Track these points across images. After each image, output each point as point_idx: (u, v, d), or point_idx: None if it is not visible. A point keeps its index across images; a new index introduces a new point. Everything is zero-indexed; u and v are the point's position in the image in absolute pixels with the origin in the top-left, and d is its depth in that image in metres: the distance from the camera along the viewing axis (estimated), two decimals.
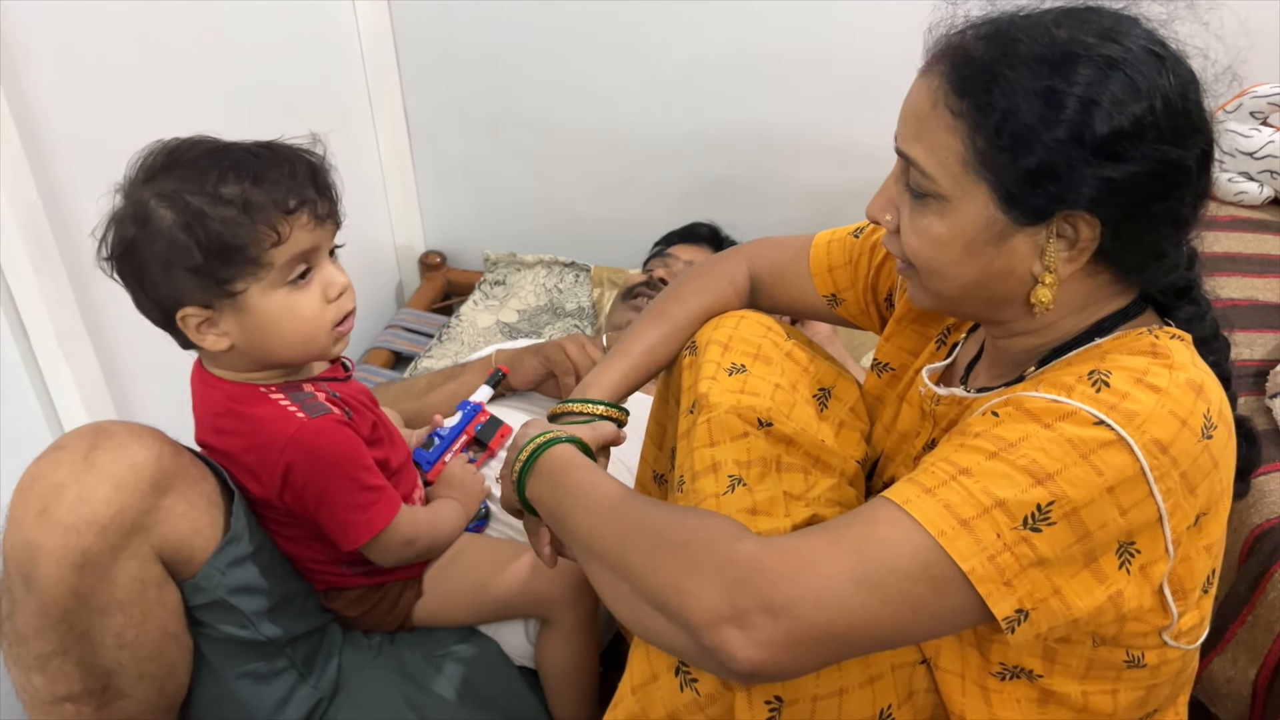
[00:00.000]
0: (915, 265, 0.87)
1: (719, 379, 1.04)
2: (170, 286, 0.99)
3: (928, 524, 0.74)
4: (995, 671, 0.88)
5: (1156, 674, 0.88)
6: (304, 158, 1.02)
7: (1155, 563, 0.79)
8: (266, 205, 0.97)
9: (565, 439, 0.99)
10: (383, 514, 1.09)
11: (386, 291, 2.39)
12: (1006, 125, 0.77)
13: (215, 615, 1.08)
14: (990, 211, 0.80)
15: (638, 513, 0.86)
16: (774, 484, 0.97)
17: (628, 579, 0.83)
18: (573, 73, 2.10)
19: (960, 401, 0.95)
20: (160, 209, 0.97)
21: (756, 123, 2.06)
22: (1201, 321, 0.89)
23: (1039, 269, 0.82)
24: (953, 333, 1.06)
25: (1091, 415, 0.75)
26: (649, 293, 1.75)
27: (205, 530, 1.05)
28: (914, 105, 0.84)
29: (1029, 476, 0.74)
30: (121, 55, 1.50)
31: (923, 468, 0.79)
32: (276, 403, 1.06)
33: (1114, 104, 0.76)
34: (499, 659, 1.27)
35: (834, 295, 1.17)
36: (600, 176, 2.22)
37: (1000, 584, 0.73)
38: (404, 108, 2.21)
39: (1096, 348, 0.85)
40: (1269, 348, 1.48)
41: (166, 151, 1.00)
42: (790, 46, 1.96)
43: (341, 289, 1.06)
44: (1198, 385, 0.78)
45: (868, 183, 2.21)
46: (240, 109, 1.73)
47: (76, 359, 1.45)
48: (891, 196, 0.88)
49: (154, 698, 1.06)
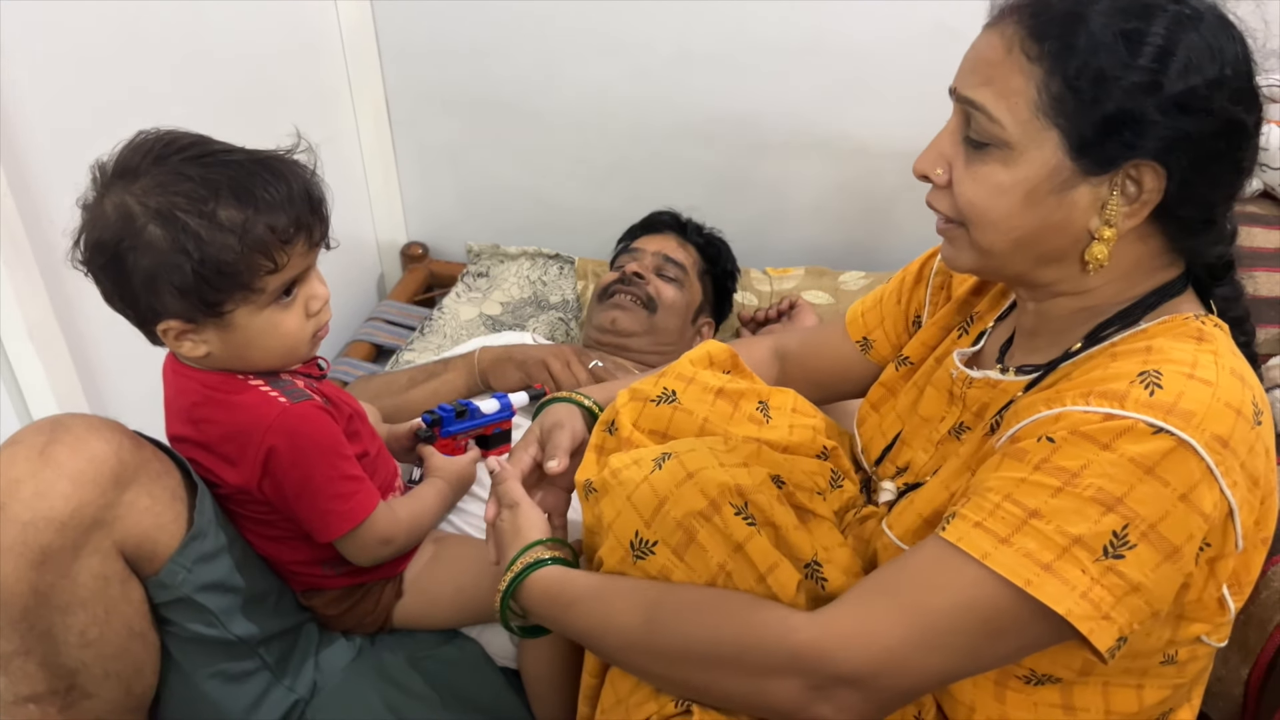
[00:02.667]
0: (968, 218, 0.86)
1: None
2: (152, 300, 0.98)
3: (1012, 575, 0.75)
4: (1022, 675, 0.87)
5: (1184, 671, 0.88)
6: (300, 175, 1.01)
7: (1224, 558, 0.80)
8: (265, 236, 0.97)
9: (544, 561, 0.96)
10: (362, 505, 1.09)
11: (368, 283, 2.36)
12: (1087, 69, 0.78)
13: (182, 613, 1.06)
14: (1058, 159, 0.80)
15: (672, 634, 0.85)
16: (705, 450, 0.94)
17: (693, 695, 0.86)
18: (557, 63, 2.07)
19: (994, 385, 0.95)
20: (151, 225, 0.95)
21: (744, 114, 2.05)
22: (1237, 302, 0.91)
23: (1096, 224, 0.82)
24: (976, 321, 1.06)
25: (1149, 426, 0.74)
26: (627, 289, 1.72)
27: (169, 525, 1.03)
28: (983, 52, 0.84)
29: (1099, 506, 0.74)
30: (98, 46, 1.47)
31: (988, 507, 0.78)
32: (257, 389, 1.05)
33: (1191, 57, 0.77)
34: (481, 660, 1.25)
35: (865, 339, 1.20)
36: (585, 168, 2.20)
37: (1099, 619, 0.74)
38: (385, 97, 2.18)
39: (1142, 333, 0.85)
40: (1260, 342, 1.47)
41: (149, 149, 0.97)
42: (778, 38, 1.94)
43: (323, 302, 1.06)
44: (1240, 374, 0.79)
45: (856, 175, 2.23)
46: (220, 99, 1.70)
47: (48, 352, 1.42)
48: (943, 150, 0.87)
49: (121, 698, 1.03)
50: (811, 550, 0.89)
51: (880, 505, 1.02)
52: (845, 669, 0.76)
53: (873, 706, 0.78)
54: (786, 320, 1.85)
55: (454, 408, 1.30)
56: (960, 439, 0.97)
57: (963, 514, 0.79)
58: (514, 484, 1.03)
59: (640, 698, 0.90)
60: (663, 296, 1.72)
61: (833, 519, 0.96)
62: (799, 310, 1.85)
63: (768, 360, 1.28)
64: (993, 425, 0.92)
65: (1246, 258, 1.66)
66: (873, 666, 0.76)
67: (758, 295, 2.05)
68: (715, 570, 0.86)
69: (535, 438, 1.08)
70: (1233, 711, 1.18)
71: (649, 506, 0.89)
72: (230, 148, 1.00)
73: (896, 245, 2.03)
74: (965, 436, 0.97)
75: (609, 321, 1.70)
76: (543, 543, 0.98)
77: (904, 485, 1.02)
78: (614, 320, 1.70)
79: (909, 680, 0.78)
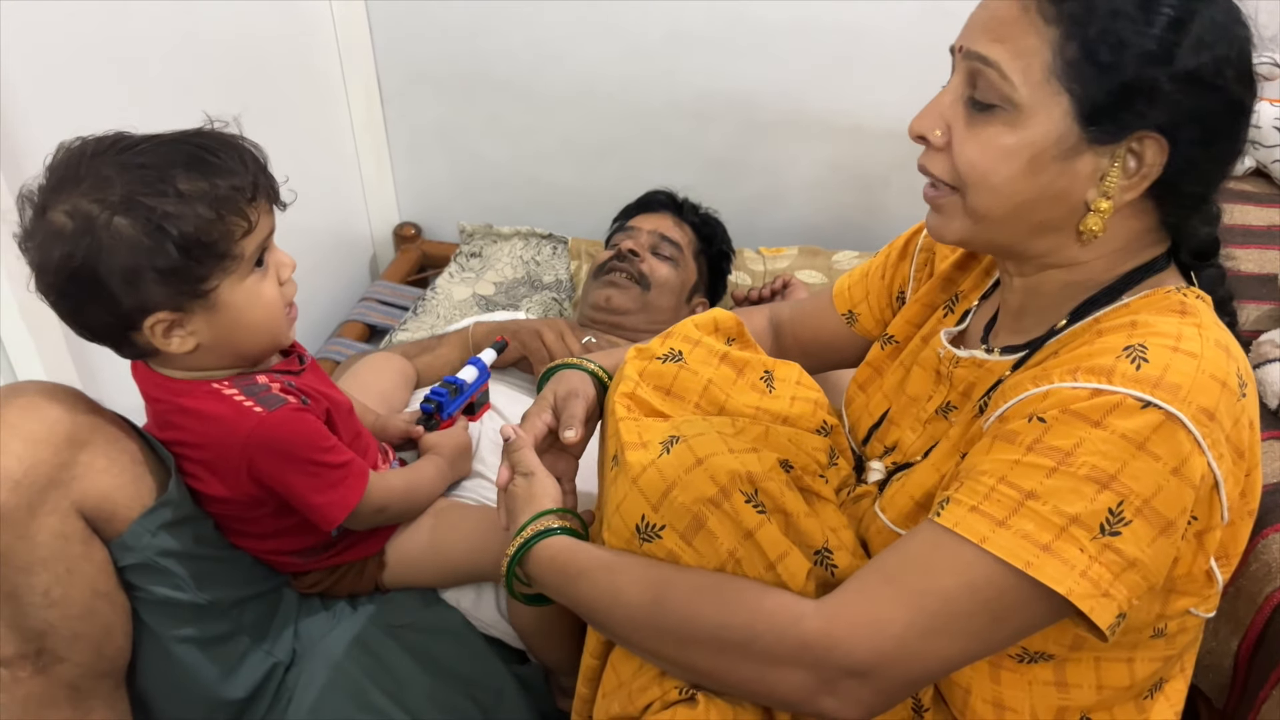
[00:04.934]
0: (967, 180, 0.84)
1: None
2: (136, 296, 0.97)
3: (1011, 558, 0.75)
4: (1015, 653, 0.88)
5: (1173, 643, 0.89)
6: (236, 140, 1.02)
7: (1211, 530, 0.80)
8: (233, 196, 0.98)
9: (553, 530, 0.96)
10: (354, 489, 1.11)
11: (360, 264, 2.35)
12: (1106, 35, 0.77)
13: (148, 577, 1.06)
14: (1067, 125, 0.80)
15: (680, 616, 0.84)
16: (714, 435, 0.93)
17: (698, 679, 0.86)
18: (551, 42, 2.06)
19: (980, 364, 0.95)
20: (116, 218, 0.94)
21: (737, 93, 2.04)
22: (1221, 284, 0.91)
23: (1094, 195, 0.82)
24: (961, 300, 1.06)
25: (1138, 400, 0.75)
26: (622, 266, 1.72)
27: (128, 487, 1.03)
28: (994, 11, 0.82)
29: (1094, 484, 0.75)
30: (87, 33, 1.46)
31: (982, 490, 0.78)
32: (230, 399, 1.05)
33: (1205, 33, 0.77)
34: (463, 628, 1.26)
35: (850, 312, 1.20)
36: (578, 147, 2.19)
37: (1100, 596, 0.75)
38: (377, 76, 2.17)
39: (1125, 307, 0.85)
40: (1251, 318, 1.48)
41: (81, 153, 0.97)
42: (772, 16, 1.94)
43: (291, 269, 1.07)
44: (1225, 345, 0.79)
45: (849, 155, 2.23)
46: (212, 82, 1.69)
47: (41, 333, 1.41)
48: (943, 111, 0.85)
49: (92, 660, 1.04)
50: (822, 537, 0.89)
51: (870, 485, 1.02)
52: (854, 659, 0.76)
53: (880, 697, 0.78)
54: (780, 299, 1.85)
55: (445, 389, 1.31)
56: (948, 418, 0.97)
57: (957, 498, 0.79)
58: (529, 452, 1.02)
59: (643, 682, 0.89)
60: (657, 274, 1.72)
61: (834, 500, 0.96)
62: (792, 289, 1.86)
63: (765, 329, 1.28)
64: (980, 406, 0.92)
65: (1238, 235, 1.67)
66: (881, 656, 0.76)
67: (751, 275, 2.05)
68: (725, 556, 0.85)
69: (549, 404, 1.07)
70: (1223, 683, 1.20)
71: (656, 491, 0.88)
72: (157, 135, 1.00)
73: (889, 225, 2.02)
74: (953, 416, 0.97)
75: (603, 299, 1.70)
76: (554, 512, 0.97)
77: (892, 465, 1.01)
78: (608, 298, 1.70)
79: (917, 668, 0.78)
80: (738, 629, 0.81)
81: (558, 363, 1.12)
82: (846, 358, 1.22)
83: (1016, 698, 0.89)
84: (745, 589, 0.84)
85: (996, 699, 0.89)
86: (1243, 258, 1.60)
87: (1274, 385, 1.33)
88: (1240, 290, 1.50)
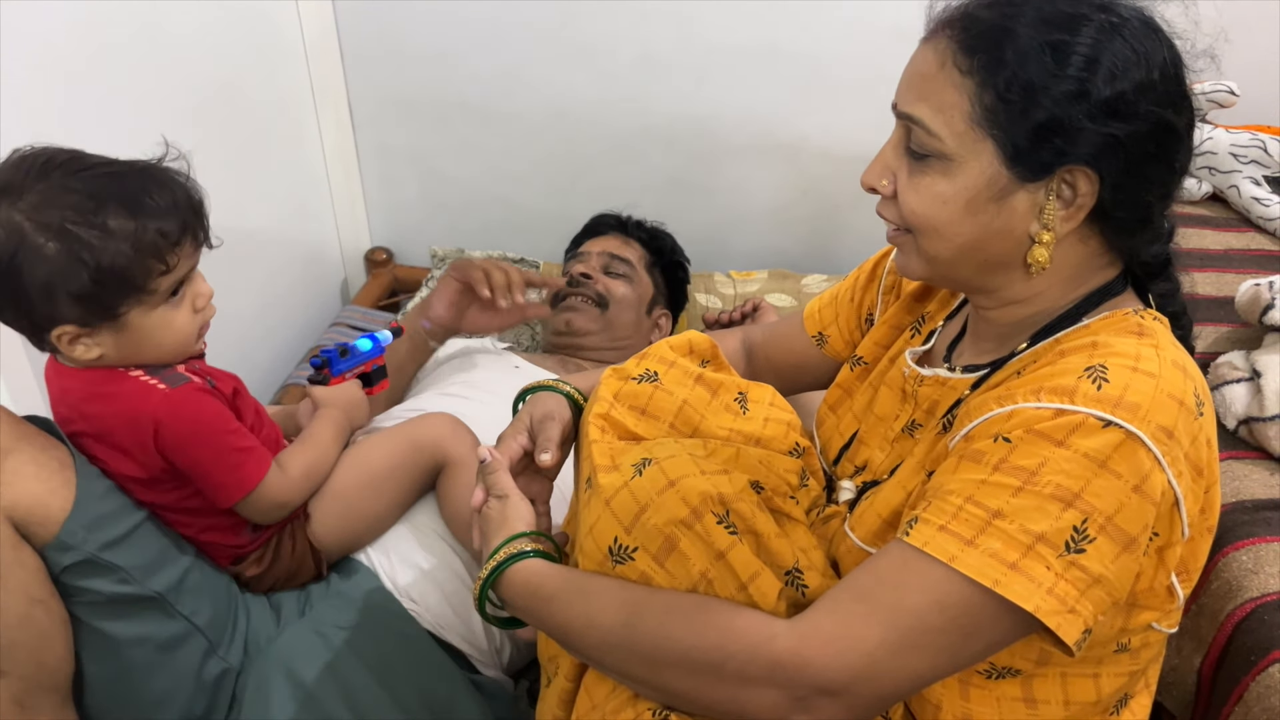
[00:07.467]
0: (914, 226, 0.88)
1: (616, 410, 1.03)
2: (48, 308, 1.02)
3: (980, 576, 0.76)
4: (983, 669, 0.89)
5: (1137, 658, 0.90)
6: (180, 182, 1.07)
7: (1171, 546, 0.82)
8: (156, 240, 1.03)
9: (526, 554, 0.96)
10: (255, 471, 1.15)
11: (332, 288, 2.35)
12: (1017, 80, 0.80)
13: (91, 576, 1.06)
14: (994, 168, 0.83)
15: (653, 637, 0.85)
16: (686, 457, 0.94)
17: (672, 700, 0.86)
18: (521, 66, 2.08)
19: (944, 382, 0.97)
20: (42, 239, 0.99)
21: (706, 118, 2.06)
22: (1174, 298, 0.94)
23: (1036, 228, 0.85)
24: (928, 320, 1.08)
25: (1099, 420, 0.77)
26: (578, 290, 1.75)
27: (60, 490, 1.05)
28: (919, 68, 0.86)
29: (1058, 503, 0.76)
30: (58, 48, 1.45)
31: (950, 509, 0.79)
32: (137, 379, 1.10)
33: (1117, 64, 0.79)
34: (415, 632, 1.26)
35: (821, 334, 1.23)
36: (549, 171, 2.20)
37: (1066, 613, 0.76)
38: (348, 100, 2.17)
39: (1085, 329, 0.87)
40: (1209, 340, 1.51)
41: (29, 166, 1.01)
42: (739, 42, 1.96)
43: (208, 299, 1.12)
44: (1182, 365, 0.81)
45: (817, 178, 2.25)
46: (179, 103, 1.68)
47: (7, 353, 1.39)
48: (888, 162, 0.89)
49: (33, 672, 1.03)
50: (793, 557, 0.90)
51: (841, 504, 1.03)
52: (826, 678, 0.77)
53: (852, 714, 0.79)
54: (750, 322, 1.87)
55: (335, 348, 1.35)
56: (914, 436, 0.99)
57: (926, 518, 0.80)
58: (504, 475, 1.02)
59: (616, 704, 0.89)
60: (613, 293, 1.75)
61: (804, 520, 0.97)
62: (762, 312, 1.87)
63: (738, 351, 1.30)
64: (945, 424, 0.94)
65: (1195, 259, 1.70)
66: (853, 674, 0.77)
67: (721, 298, 2.07)
68: (697, 578, 0.86)
69: (525, 427, 1.07)
70: (1187, 700, 1.21)
71: (629, 513, 0.88)
72: (109, 160, 1.05)
73: (858, 248, 2.04)
74: (918, 434, 0.99)
75: (563, 324, 1.73)
76: (527, 535, 0.97)
77: (862, 484, 1.03)
78: (568, 321, 1.72)
79: (888, 685, 0.78)
80: (710, 649, 0.82)
81: (534, 384, 1.12)
82: (817, 379, 1.24)
83: (986, 714, 0.90)
84: (717, 609, 0.84)
85: (966, 715, 0.90)
86: (1200, 281, 1.63)
87: (1232, 406, 1.35)
88: (1198, 313, 1.54)
